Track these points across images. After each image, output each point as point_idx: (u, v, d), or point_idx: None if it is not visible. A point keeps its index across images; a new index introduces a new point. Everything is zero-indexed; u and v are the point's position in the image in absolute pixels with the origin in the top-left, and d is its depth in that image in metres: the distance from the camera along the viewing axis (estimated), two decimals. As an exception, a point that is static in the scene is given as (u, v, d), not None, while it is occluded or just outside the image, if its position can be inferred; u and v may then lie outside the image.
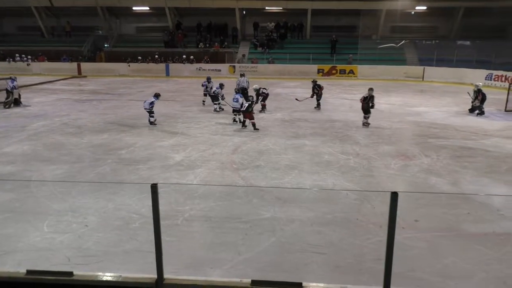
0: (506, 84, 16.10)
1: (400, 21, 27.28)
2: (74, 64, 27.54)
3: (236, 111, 11.66)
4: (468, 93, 14.12)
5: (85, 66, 27.57)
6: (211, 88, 14.21)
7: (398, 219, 2.65)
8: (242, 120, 11.52)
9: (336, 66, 25.42)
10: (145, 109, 11.88)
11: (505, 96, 14.08)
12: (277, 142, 9.77)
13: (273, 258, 4.63)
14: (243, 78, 14.57)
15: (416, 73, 24.36)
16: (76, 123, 11.97)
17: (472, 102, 13.63)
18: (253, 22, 28.74)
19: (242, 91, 13.43)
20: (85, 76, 26.60)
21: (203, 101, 15.17)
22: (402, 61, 25.80)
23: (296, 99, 15.10)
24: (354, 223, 5.49)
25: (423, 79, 23.94)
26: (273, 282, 3.24)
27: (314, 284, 3.07)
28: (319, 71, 25.38)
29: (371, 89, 11.70)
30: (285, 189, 6.72)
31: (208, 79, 15.00)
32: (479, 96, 13.33)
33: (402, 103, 16.03)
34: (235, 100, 11.49)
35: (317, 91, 14.39)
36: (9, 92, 14.50)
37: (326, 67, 25.48)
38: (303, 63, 25.74)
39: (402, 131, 11.10)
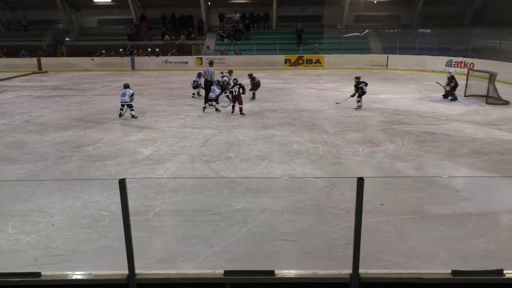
0: (465, 70, 16.72)
1: (364, 10, 27.70)
2: (34, 60, 26.42)
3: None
4: (437, 82, 14.56)
5: (46, 61, 26.51)
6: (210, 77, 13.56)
7: (365, 204, 2.74)
8: (233, 105, 12.17)
9: (302, 56, 25.61)
10: (125, 103, 11.53)
11: (465, 82, 14.63)
12: (247, 133, 9.79)
13: (246, 248, 4.68)
14: (211, 68, 13.86)
15: (380, 61, 24.90)
16: (39, 121, 11.56)
17: (445, 89, 14.02)
18: (219, 13, 28.45)
19: (212, 83, 13.21)
20: (46, 72, 25.60)
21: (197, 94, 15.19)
22: (366, 50, 26.26)
23: (337, 103, 13.56)
24: (323, 210, 5.62)
25: (387, 67, 24.51)
26: (246, 271, 3.28)
27: (286, 271, 3.14)
28: (286, 61, 25.51)
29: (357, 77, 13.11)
30: (256, 179, 6.77)
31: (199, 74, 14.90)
32: (451, 83, 13.76)
33: (367, 91, 16.32)
34: (212, 90, 12.19)
35: (361, 88, 12.82)
36: None
37: (293, 57, 25.62)
38: (270, 53, 25.77)
39: (368, 119, 11.37)
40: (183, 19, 28.61)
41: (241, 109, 11.95)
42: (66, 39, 28.64)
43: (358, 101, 12.74)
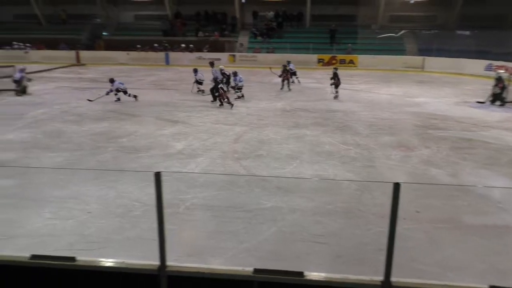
0: (506, 75, 16.05)
1: (400, 10, 27.11)
2: (73, 52, 27.34)
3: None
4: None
5: (84, 54, 27.38)
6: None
7: (399, 210, 2.67)
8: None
9: (336, 56, 25.31)
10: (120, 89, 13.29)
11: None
12: (278, 132, 9.77)
13: (275, 248, 4.67)
14: (214, 69, 13.58)
15: (415, 63, 24.30)
16: (76, 111, 11.93)
17: (493, 90, 13.27)
18: (252, 11, 28.52)
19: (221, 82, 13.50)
20: (84, 64, 26.42)
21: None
22: (401, 51, 25.68)
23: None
24: (354, 213, 5.53)
25: (423, 69, 23.88)
26: (275, 270, 3.26)
27: (315, 273, 3.10)
28: (319, 60, 25.30)
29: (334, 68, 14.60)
30: (286, 178, 6.74)
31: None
32: (500, 84, 13.10)
33: (402, 93, 16.02)
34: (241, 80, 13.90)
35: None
36: (18, 81, 14.46)
37: (326, 57, 25.37)
38: (303, 52, 25.59)
39: (402, 122, 11.11)
40: (217, 16, 28.85)
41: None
42: (104, 33, 29.43)
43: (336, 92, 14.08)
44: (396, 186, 2.79)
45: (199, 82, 15.31)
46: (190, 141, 8.94)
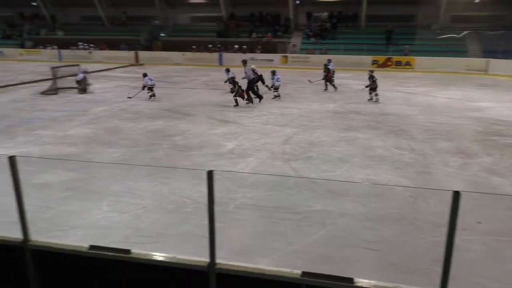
0: None
1: (463, 10, 25.71)
2: (132, 53, 28.65)
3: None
4: None
5: (142, 54, 28.59)
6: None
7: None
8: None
9: (391, 58, 24.53)
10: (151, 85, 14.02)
11: None
12: (329, 134, 9.63)
13: (323, 251, 4.60)
14: (246, 67, 14.31)
15: (478, 65, 22.94)
16: (134, 109, 12.48)
17: None
18: (306, 11, 28.33)
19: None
20: (142, 64, 27.57)
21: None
22: (463, 53, 24.34)
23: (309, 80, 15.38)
24: (408, 221, 5.32)
25: (486, 72, 22.51)
26: (323, 275, 3.22)
27: (366, 280, 3.02)
28: (373, 62, 24.60)
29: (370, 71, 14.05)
30: (336, 182, 6.62)
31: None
32: None
33: (462, 97, 15.19)
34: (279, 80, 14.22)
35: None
36: (79, 82, 15.41)
37: (381, 58, 24.65)
38: (357, 54, 25.05)
39: (462, 127, 10.54)
40: (270, 17, 28.98)
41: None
42: (161, 34, 30.53)
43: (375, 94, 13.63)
44: (456, 195, 2.66)
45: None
46: (240, 141, 9.04)
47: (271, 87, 14.32)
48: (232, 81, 13.49)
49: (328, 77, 16.37)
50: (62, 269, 3.82)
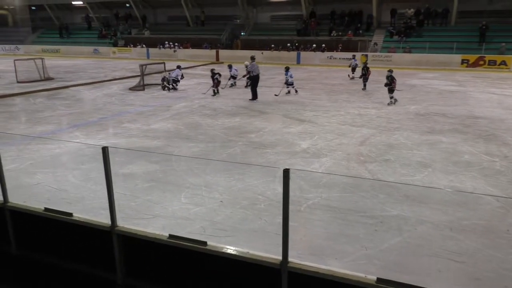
0: None
1: None
2: (213, 51, 29.70)
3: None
4: None
5: (223, 53, 29.51)
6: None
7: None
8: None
9: (484, 57, 22.64)
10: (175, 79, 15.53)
11: None
12: (409, 137, 9.17)
13: (398, 259, 4.40)
14: (254, 63, 14.43)
15: None
16: (212, 106, 12.94)
17: None
18: (391, 8, 27.17)
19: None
20: (222, 63, 28.42)
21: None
22: None
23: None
24: (496, 234, 4.89)
25: None
26: (401, 283, 3.09)
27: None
28: (463, 61, 22.94)
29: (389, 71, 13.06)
30: (415, 187, 6.29)
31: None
32: None
33: None
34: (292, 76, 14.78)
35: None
36: (167, 79, 16.35)
37: (472, 57, 22.86)
38: (444, 52, 23.50)
39: None
40: (352, 15, 28.26)
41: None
42: (242, 33, 31.24)
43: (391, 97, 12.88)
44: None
45: (233, 77, 17.07)
46: (315, 140, 8.96)
47: (284, 83, 14.92)
48: (212, 73, 14.76)
49: (367, 77, 16.16)
50: (144, 255, 4.10)
